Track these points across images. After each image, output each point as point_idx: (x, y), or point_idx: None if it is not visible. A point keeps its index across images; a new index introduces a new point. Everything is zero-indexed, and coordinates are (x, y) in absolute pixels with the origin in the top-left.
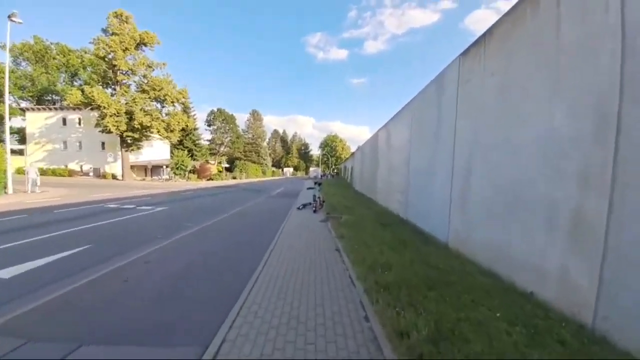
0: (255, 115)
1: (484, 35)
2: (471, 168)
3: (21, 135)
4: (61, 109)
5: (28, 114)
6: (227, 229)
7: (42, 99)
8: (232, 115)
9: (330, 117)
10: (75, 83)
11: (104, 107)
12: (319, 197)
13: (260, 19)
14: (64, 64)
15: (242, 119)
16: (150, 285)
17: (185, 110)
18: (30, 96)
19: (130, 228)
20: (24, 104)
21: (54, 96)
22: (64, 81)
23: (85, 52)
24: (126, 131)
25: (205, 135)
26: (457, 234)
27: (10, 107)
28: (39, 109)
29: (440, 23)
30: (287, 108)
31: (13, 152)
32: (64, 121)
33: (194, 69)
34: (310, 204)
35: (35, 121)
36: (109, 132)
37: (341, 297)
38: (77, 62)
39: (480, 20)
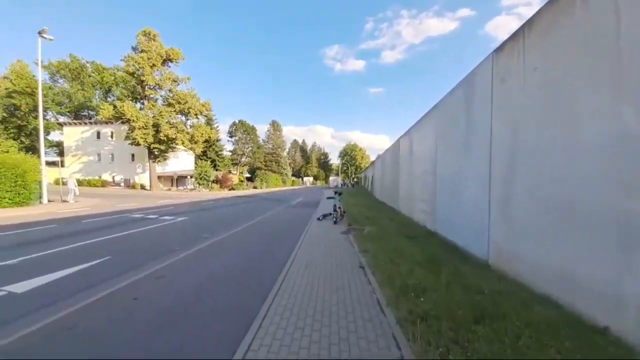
0: (275, 126)
1: (523, 27)
2: (514, 174)
3: (60, 149)
4: (95, 123)
5: (65, 128)
6: (244, 241)
7: (79, 114)
8: (252, 126)
9: (348, 127)
10: (109, 99)
11: (133, 121)
12: (339, 207)
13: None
14: (98, 81)
15: (262, 130)
16: (158, 305)
17: (209, 122)
18: (68, 111)
19: (150, 239)
20: (62, 119)
21: (89, 111)
22: (98, 97)
23: (118, 70)
24: (153, 143)
25: (227, 146)
26: (500, 250)
27: (49, 121)
28: (75, 124)
29: (459, 31)
30: (306, 118)
31: (52, 164)
32: (98, 135)
33: (217, 82)
34: (330, 214)
35: (72, 135)
36: (138, 144)
37: (369, 329)
38: (110, 79)
39: (502, 26)
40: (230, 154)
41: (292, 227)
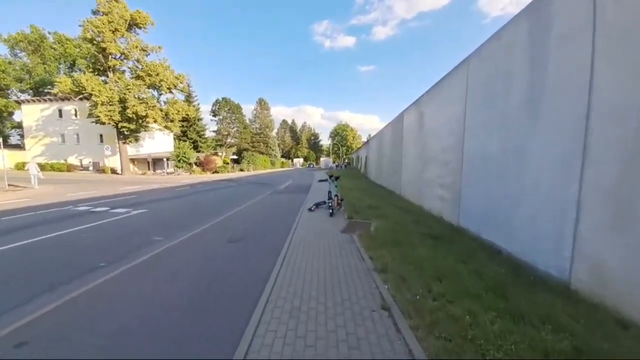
0: (262, 104)
1: None
2: None
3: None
4: (56, 100)
5: (24, 107)
6: (202, 250)
7: (41, 91)
8: (238, 104)
9: (338, 107)
10: (75, 73)
11: (95, 95)
12: (335, 195)
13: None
14: (61, 53)
15: (249, 111)
16: None
17: (188, 99)
18: (29, 88)
19: (74, 247)
20: (23, 97)
21: (52, 87)
22: (62, 72)
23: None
24: (121, 121)
25: (211, 127)
26: (602, 271)
27: (9, 100)
28: (34, 101)
29: (450, 6)
30: (295, 99)
31: (12, 146)
32: (60, 113)
33: (200, 61)
34: (324, 202)
35: (32, 114)
36: (103, 122)
37: None
38: (74, 51)
39: (495, 1)
40: (215, 134)
41: (275, 223)
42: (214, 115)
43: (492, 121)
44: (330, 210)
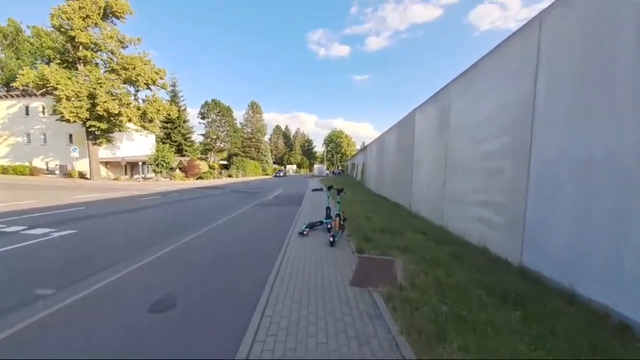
0: (254, 108)
1: None
2: None
3: None
4: (23, 96)
5: None
6: (100, 329)
7: (12, 87)
8: (228, 107)
9: (332, 115)
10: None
11: (59, 89)
12: (337, 215)
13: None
14: (37, 48)
15: (240, 117)
16: None
17: (174, 99)
18: (1, 84)
19: None
20: None
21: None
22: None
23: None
24: (89, 119)
25: (199, 130)
26: None
27: None
28: (0, 97)
29: (443, 19)
30: (289, 106)
31: None
32: (27, 110)
33: (193, 67)
34: (320, 223)
35: None
36: (68, 120)
37: None
38: (52, 44)
39: (484, 16)
40: (203, 137)
41: (246, 261)
42: (202, 118)
43: (605, 102)
44: (331, 238)
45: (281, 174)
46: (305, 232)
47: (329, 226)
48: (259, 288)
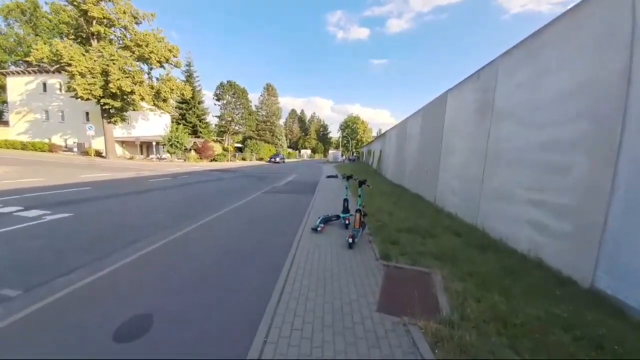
0: (269, 90)
1: None
2: None
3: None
4: (40, 72)
5: (8, 79)
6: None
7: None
8: (243, 89)
9: (349, 100)
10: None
11: (72, 65)
12: (358, 210)
13: None
14: (55, 24)
15: (255, 100)
16: None
17: (189, 79)
18: (20, 61)
19: None
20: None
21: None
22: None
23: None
24: (103, 97)
25: (215, 113)
26: None
27: None
28: (18, 73)
29: (469, 0)
30: (305, 90)
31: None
32: (44, 87)
33: (209, 49)
34: (337, 217)
35: (17, 87)
36: (81, 97)
37: None
38: (67, 19)
39: None
40: (217, 119)
41: (248, 266)
42: (218, 99)
43: None
44: (350, 239)
45: (277, 159)
46: (319, 229)
47: (347, 222)
48: (261, 306)
